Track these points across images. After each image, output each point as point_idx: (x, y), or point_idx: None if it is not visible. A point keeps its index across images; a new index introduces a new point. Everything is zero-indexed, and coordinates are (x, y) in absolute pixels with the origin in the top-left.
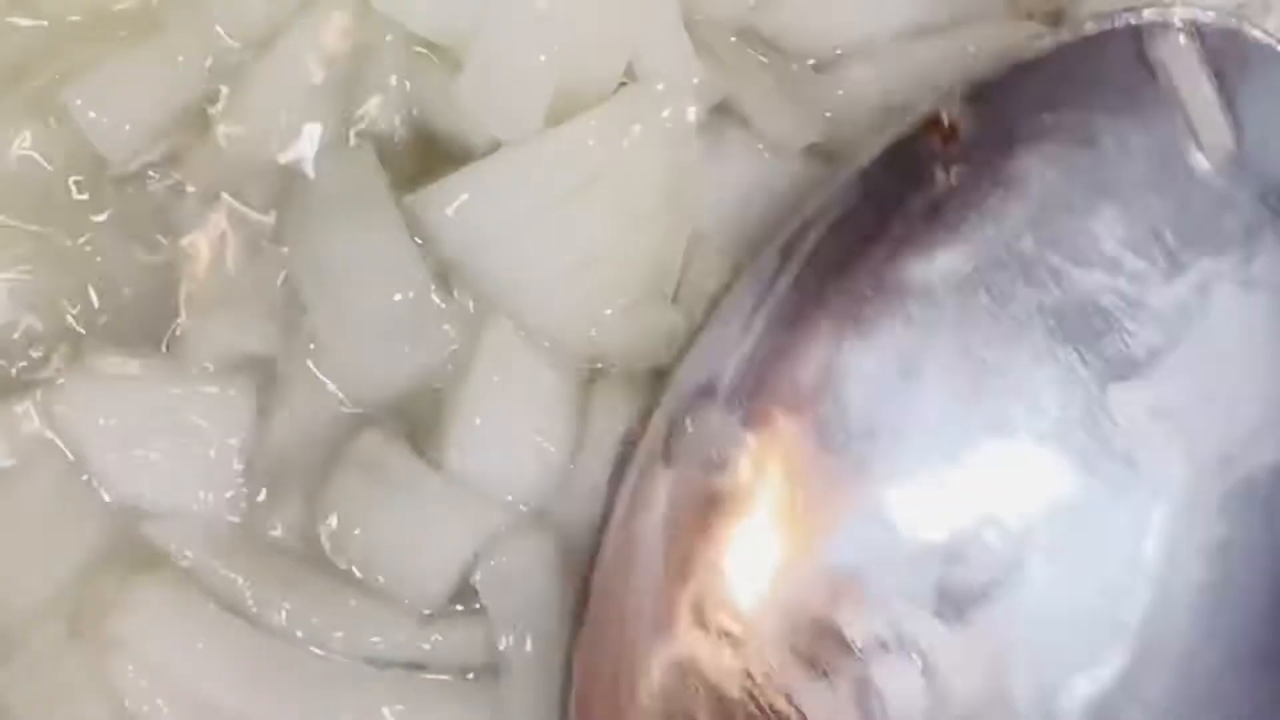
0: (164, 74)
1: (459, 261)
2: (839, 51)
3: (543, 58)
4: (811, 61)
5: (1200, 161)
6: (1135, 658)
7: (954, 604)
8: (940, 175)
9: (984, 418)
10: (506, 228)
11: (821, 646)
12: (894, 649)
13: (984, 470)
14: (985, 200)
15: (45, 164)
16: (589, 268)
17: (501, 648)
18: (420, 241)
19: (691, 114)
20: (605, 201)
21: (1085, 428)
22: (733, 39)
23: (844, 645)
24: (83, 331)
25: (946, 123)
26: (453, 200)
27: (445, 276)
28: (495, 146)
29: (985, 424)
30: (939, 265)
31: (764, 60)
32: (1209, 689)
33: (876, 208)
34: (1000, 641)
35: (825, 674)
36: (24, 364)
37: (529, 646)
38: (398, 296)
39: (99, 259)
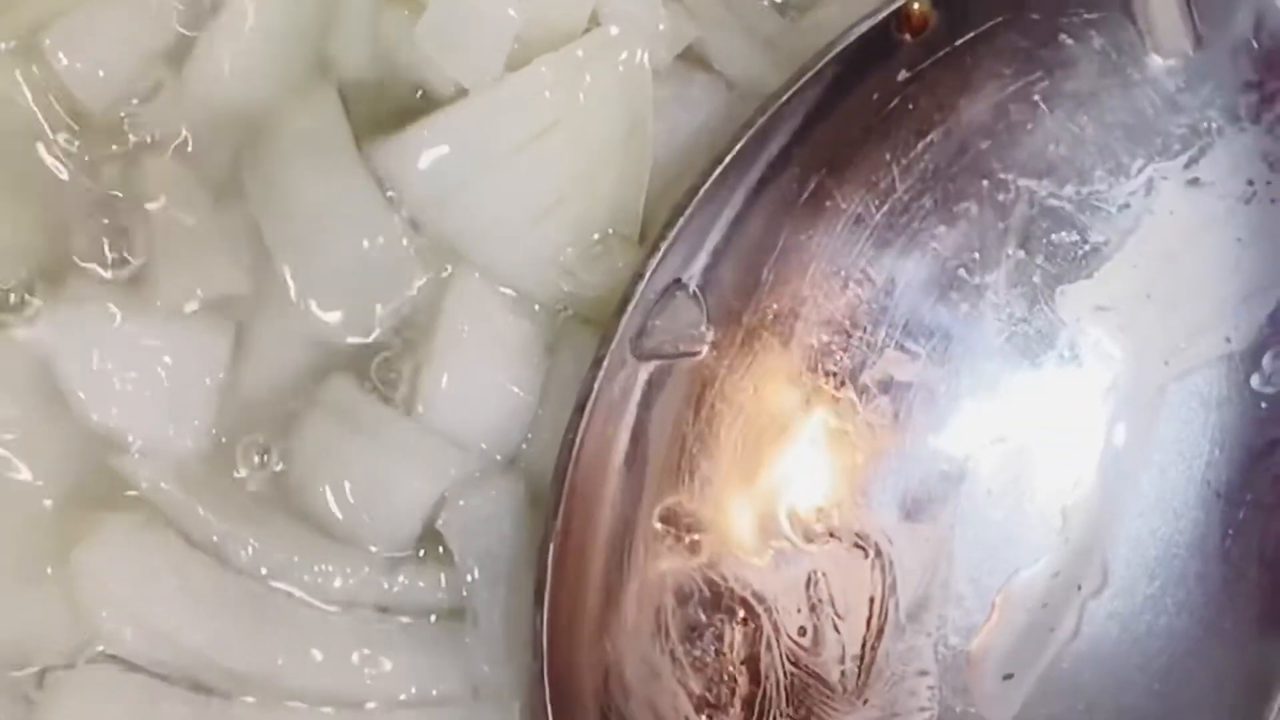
0: (138, 17)
1: (424, 211)
2: None
3: (509, 8)
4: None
5: (1155, 63)
6: (1076, 552)
7: (905, 499)
8: (905, 68)
9: (935, 314)
10: (468, 176)
11: (777, 536)
12: (845, 540)
13: (934, 366)
14: (946, 95)
15: (29, 105)
16: (552, 212)
17: (465, 591)
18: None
19: (646, 57)
20: (564, 146)
21: (1033, 326)
22: None
23: (799, 535)
24: (56, 268)
25: (917, 13)
26: (413, 151)
27: (413, 224)
28: (460, 91)
29: (936, 321)
30: (899, 159)
31: (729, 4)
32: (1147, 583)
33: (843, 98)
34: (947, 535)
35: (778, 564)
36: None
37: (495, 588)
38: (366, 243)
39: (71, 199)
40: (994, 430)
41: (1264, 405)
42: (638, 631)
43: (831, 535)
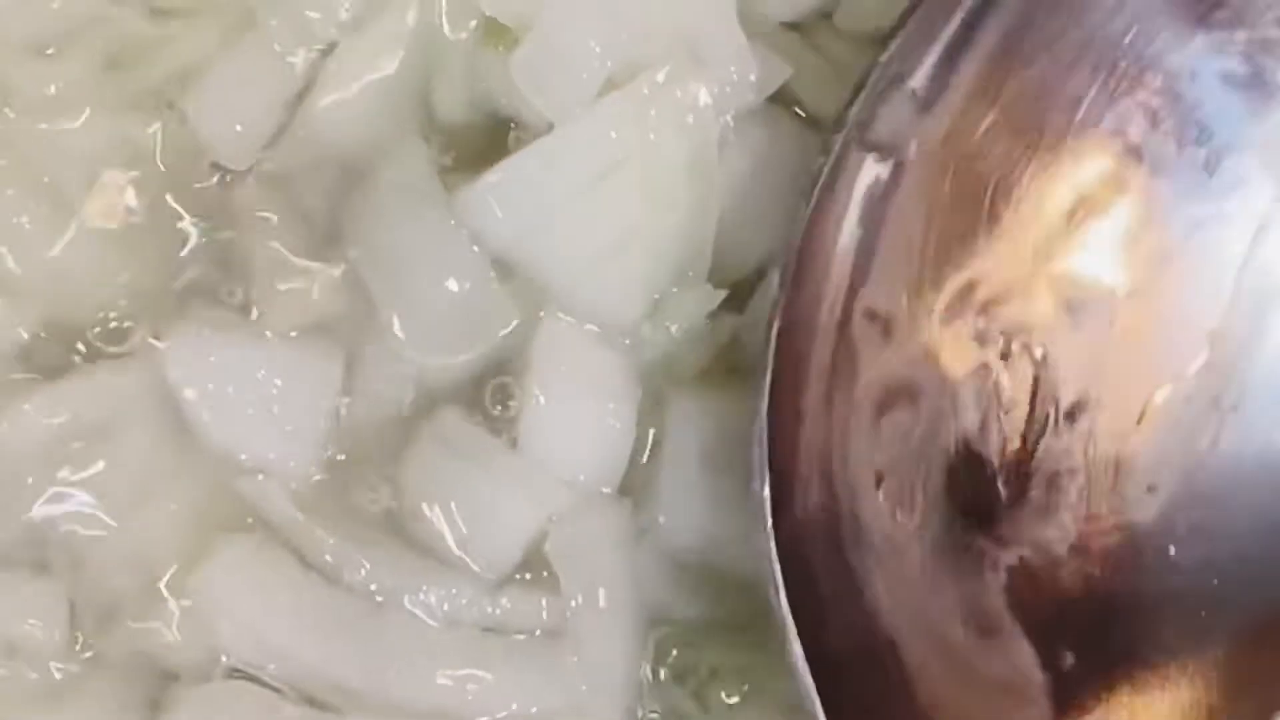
0: (266, 68)
1: (508, 251)
2: None
3: (595, 45)
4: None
5: None
6: (1218, 367)
7: (1071, 304)
8: None
9: (1100, 133)
10: (543, 216)
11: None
12: (1017, 340)
13: (1102, 182)
14: None
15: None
16: (625, 247)
17: (568, 614)
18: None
19: (705, 94)
20: (631, 182)
21: (1179, 144)
22: (788, 29)
23: (979, 332)
24: (173, 302)
25: None
26: (490, 194)
27: (501, 265)
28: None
29: (1100, 139)
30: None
31: (817, 47)
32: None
33: None
34: (1103, 341)
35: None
36: (121, 323)
37: (598, 612)
38: (456, 286)
39: (188, 238)
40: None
41: None
42: (847, 406)
43: (1003, 334)
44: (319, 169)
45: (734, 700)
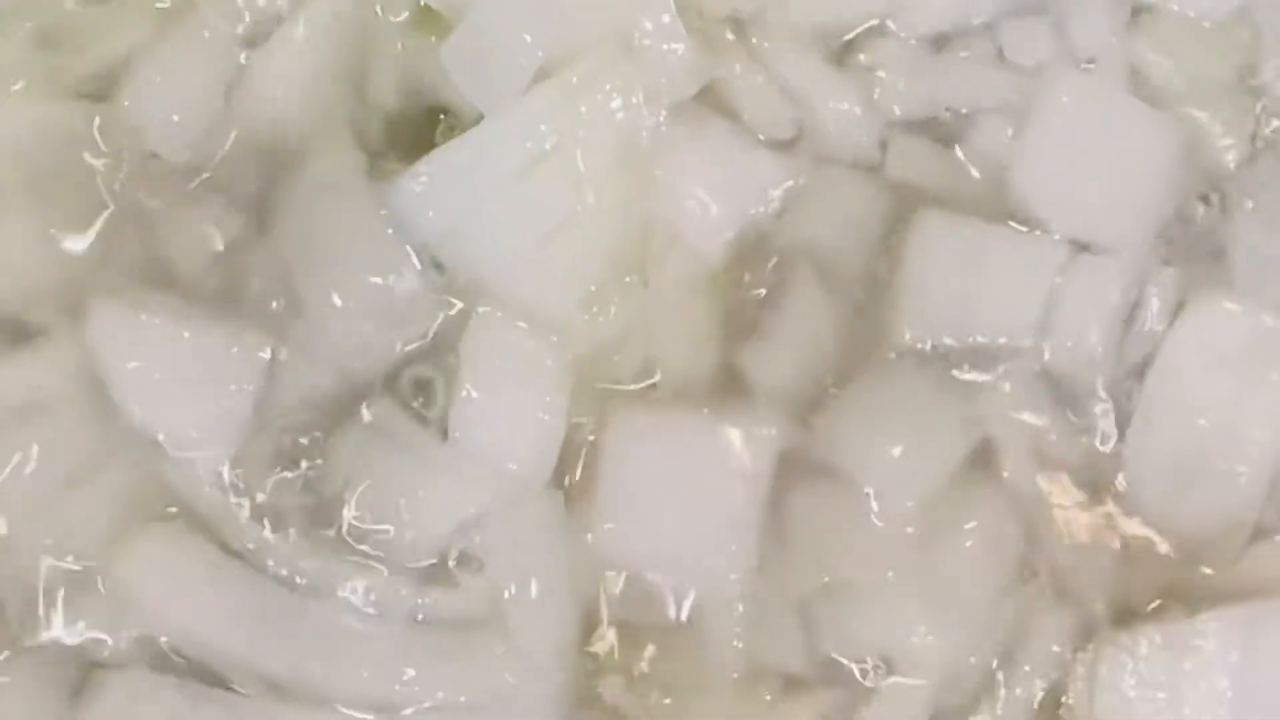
0: (202, 58)
1: (437, 243)
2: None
3: (528, 35)
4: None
5: None
6: None
7: None
8: None
9: None
10: (473, 207)
11: None
12: None
13: None
14: None
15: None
16: (556, 237)
17: (498, 605)
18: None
19: (638, 88)
20: (562, 171)
21: None
22: (728, 30)
23: None
24: (100, 283)
25: None
26: (419, 186)
27: (429, 257)
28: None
29: None
30: None
31: (757, 49)
32: None
33: None
34: None
35: None
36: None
37: (529, 603)
38: (381, 280)
39: (117, 219)
40: None
41: None
42: None
43: None
44: (253, 156)
45: (668, 701)
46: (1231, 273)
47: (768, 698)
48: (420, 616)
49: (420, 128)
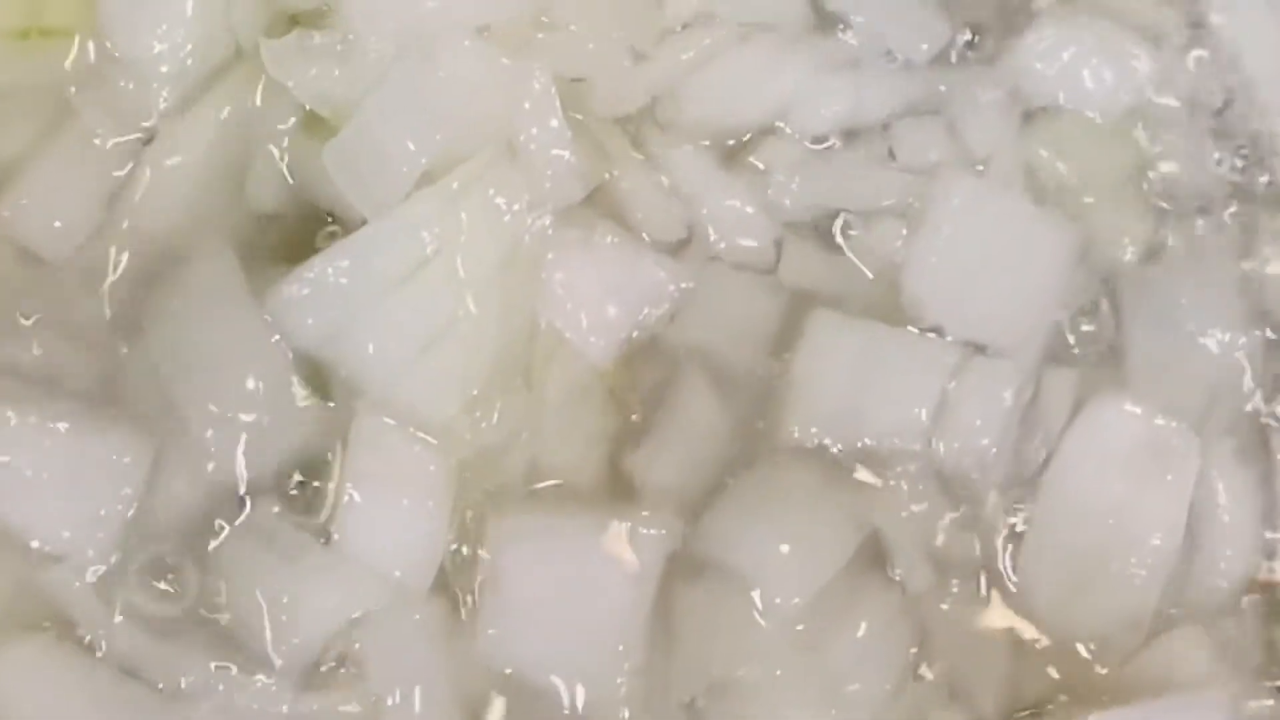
0: (86, 163)
1: (318, 349)
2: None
3: (410, 140)
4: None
5: None
6: None
7: None
8: None
9: None
10: (352, 314)
11: None
12: None
13: None
14: None
15: None
16: (437, 344)
17: (380, 712)
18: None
19: (520, 192)
20: (444, 277)
21: None
22: (618, 131)
23: None
24: None
25: None
26: (299, 291)
27: (310, 362)
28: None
29: None
30: None
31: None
32: None
33: None
34: None
35: None
36: None
37: (416, 702)
38: (255, 385)
39: None
40: None
41: None
42: None
43: None
44: (135, 260)
45: None
46: (1127, 374)
47: None
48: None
49: (304, 233)
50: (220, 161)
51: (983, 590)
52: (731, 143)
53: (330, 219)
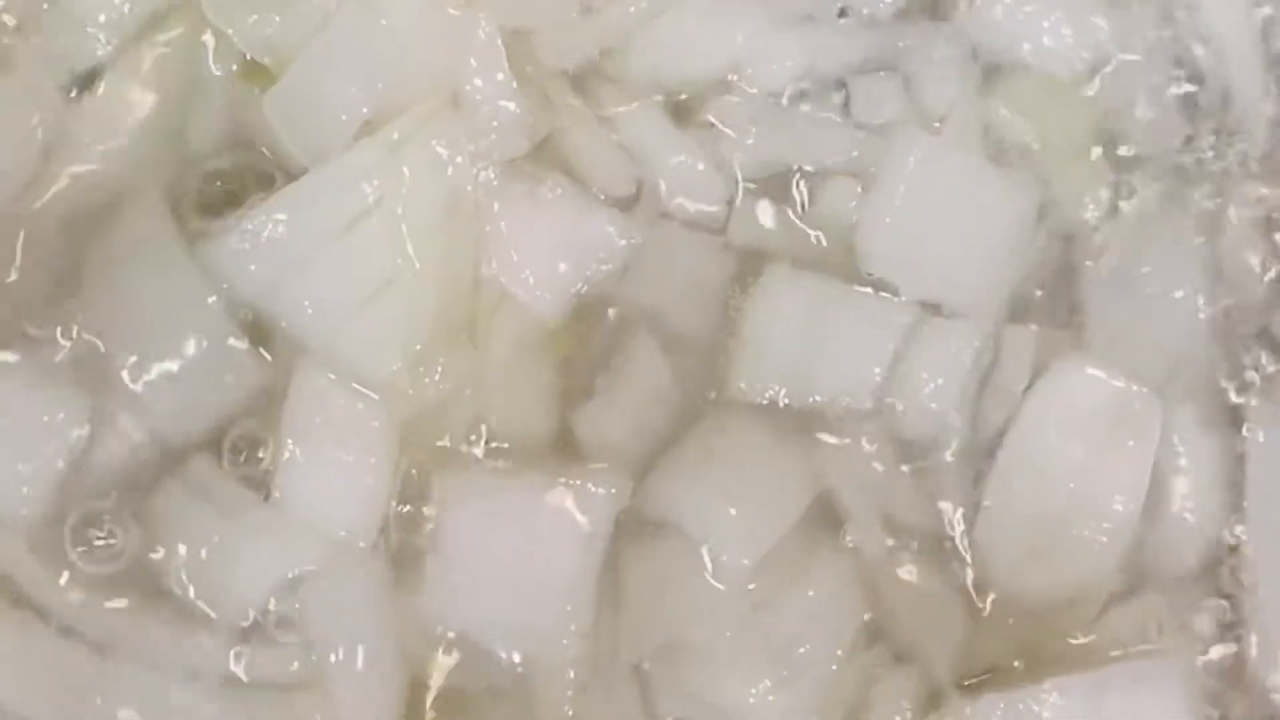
0: (23, 112)
1: (257, 301)
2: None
3: (353, 88)
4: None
5: None
6: None
7: None
8: None
9: None
10: (292, 266)
11: None
12: None
13: None
14: None
15: None
16: (380, 295)
17: (321, 669)
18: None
19: (463, 143)
20: (386, 227)
21: None
22: (566, 84)
23: None
24: None
25: None
26: (239, 243)
27: (249, 314)
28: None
29: None
30: None
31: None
32: None
33: None
34: None
35: None
36: None
37: (359, 660)
38: (190, 342)
39: None
40: None
41: None
42: None
43: None
44: (70, 212)
45: None
46: (1087, 338)
47: None
48: (238, 680)
49: (243, 182)
50: (160, 111)
51: (939, 554)
52: (684, 97)
53: (272, 169)
